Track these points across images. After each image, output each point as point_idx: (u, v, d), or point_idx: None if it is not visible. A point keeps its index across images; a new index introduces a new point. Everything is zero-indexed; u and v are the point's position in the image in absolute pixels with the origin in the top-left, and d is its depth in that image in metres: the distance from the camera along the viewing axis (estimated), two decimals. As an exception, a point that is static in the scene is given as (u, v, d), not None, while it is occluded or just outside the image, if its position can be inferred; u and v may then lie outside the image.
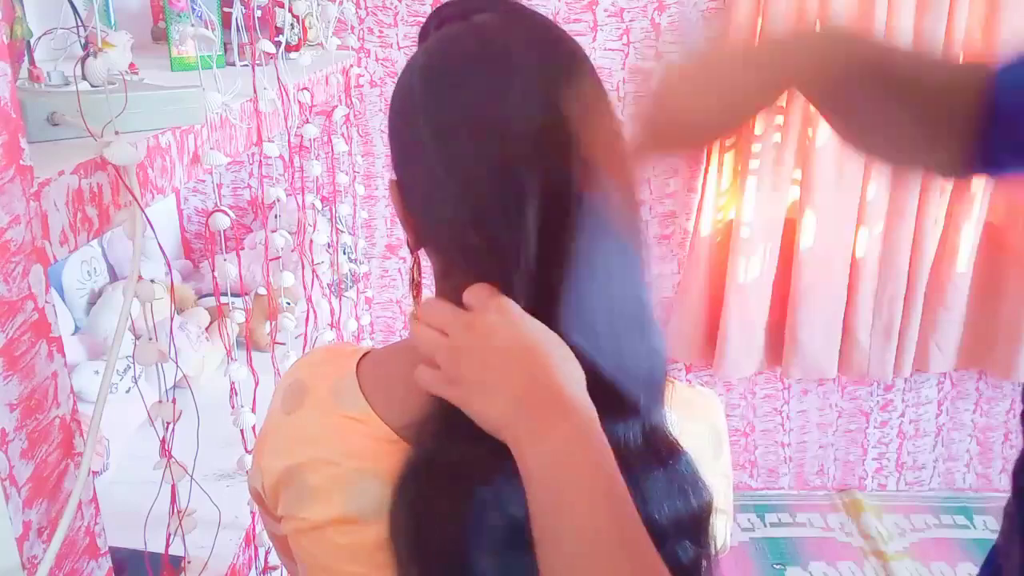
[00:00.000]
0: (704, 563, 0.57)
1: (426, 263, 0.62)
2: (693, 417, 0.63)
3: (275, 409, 0.63)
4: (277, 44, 1.07)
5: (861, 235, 2.06)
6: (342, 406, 0.59)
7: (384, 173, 2.08)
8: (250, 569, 1.09)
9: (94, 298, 1.43)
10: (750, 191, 1.99)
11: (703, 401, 0.67)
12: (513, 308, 0.52)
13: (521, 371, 0.50)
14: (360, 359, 0.62)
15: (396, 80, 0.60)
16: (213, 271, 1.03)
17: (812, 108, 2.11)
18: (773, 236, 2.05)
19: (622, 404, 0.54)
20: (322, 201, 1.65)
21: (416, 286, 0.63)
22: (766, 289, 2.10)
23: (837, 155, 2.00)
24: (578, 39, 0.58)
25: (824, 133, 1.96)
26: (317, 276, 1.42)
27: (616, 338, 0.55)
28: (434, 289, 0.60)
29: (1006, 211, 2.09)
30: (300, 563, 0.61)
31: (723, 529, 0.62)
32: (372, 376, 0.60)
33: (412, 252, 0.61)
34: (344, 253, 1.72)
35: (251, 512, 1.09)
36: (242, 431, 1.05)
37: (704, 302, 2.12)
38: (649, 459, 0.55)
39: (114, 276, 1.51)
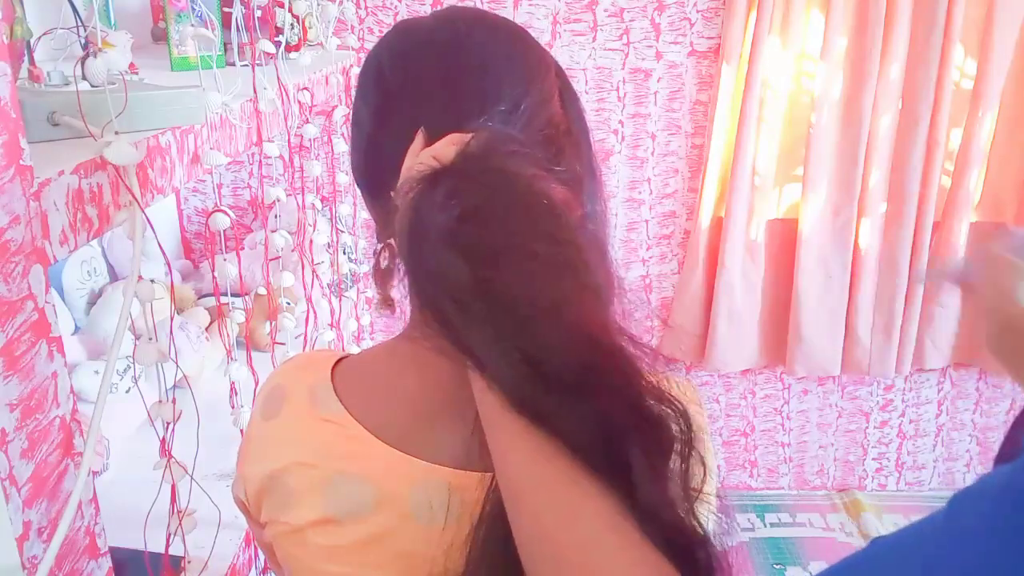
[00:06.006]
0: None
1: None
2: None
3: (255, 417, 0.64)
4: (277, 44, 1.07)
5: (862, 233, 2.06)
6: (319, 409, 0.59)
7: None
8: (250, 569, 1.09)
9: (94, 298, 1.43)
10: (741, 188, 1.99)
11: (679, 392, 0.66)
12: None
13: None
14: (335, 364, 0.62)
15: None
16: (213, 271, 1.04)
17: (812, 108, 2.07)
18: (758, 229, 2.07)
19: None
20: (322, 201, 1.65)
21: (385, 273, 0.61)
22: (756, 282, 2.11)
23: (837, 153, 2.00)
24: (578, 39, 0.58)
25: (823, 131, 1.96)
26: (317, 276, 1.42)
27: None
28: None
29: (998, 208, 2.10)
30: (286, 567, 0.61)
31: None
32: (346, 379, 0.61)
33: (380, 240, 0.61)
34: (344, 253, 1.72)
35: (251, 512, 1.09)
36: (242, 431, 1.05)
37: (702, 302, 2.12)
38: None
39: (114, 276, 1.51)
